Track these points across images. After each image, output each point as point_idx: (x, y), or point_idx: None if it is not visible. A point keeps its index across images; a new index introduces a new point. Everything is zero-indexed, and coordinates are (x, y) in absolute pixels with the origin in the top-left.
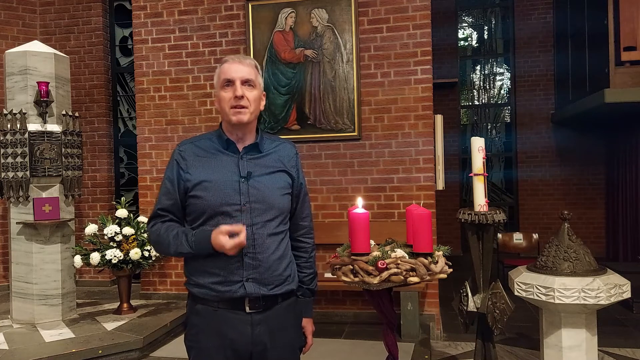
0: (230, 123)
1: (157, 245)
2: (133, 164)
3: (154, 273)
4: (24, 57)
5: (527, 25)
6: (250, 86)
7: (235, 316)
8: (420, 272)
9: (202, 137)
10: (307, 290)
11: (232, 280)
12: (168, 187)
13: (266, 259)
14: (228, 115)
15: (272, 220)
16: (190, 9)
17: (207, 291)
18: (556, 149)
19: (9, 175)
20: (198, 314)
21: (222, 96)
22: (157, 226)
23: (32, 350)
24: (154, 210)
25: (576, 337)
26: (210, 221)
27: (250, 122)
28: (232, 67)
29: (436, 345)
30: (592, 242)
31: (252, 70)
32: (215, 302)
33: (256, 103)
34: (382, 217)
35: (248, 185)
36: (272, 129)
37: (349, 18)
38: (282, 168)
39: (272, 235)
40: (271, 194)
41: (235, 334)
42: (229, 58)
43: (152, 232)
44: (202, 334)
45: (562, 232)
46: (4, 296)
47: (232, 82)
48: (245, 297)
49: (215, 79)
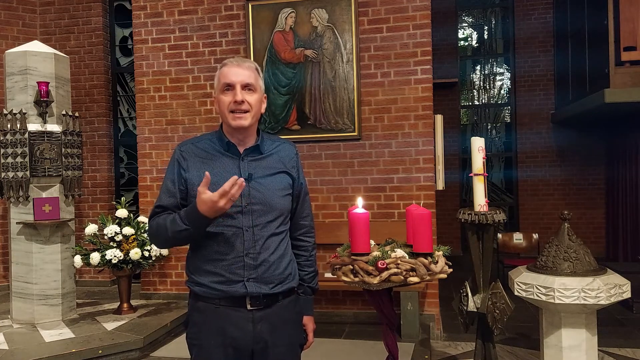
0: (231, 127)
1: (157, 235)
2: (133, 164)
3: (154, 273)
4: (24, 57)
5: (527, 25)
6: (251, 90)
7: (237, 313)
8: (420, 272)
9: (202, 138)
10: (308, 288)
11: (233, 280)
12: (169, 186)
13: (267, 258)
14: (228, 119)
15: (273, 221)
16: (190, 9)
17: (208, 290)
18: (556, 149)
19: (9, 175)
20: (199, 311)
21: (222, 100)
22: (156, 219)
23: (32, 350)
24: (153, 209)
25: (576, 337)
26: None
27: (251, 126)
28: (232, 70)
29: (436, 345)
30: (592, 242)
31: (252, 74)
32: (217, 299)
33: (257, 107)
34: (382, 217)
35: (249, 187)
36: (273, 129)
37: (349, 18)
38: (283, 169)
39: (272, 235)
40: (272, 196)
41: (236, 331)
42: (229, 61)
43: (152, 226)
44: (203, 331)
45: (562, 232)
46: (4, 296)
47: (232, 86)
48: (247, 295)
49: (215, 81)
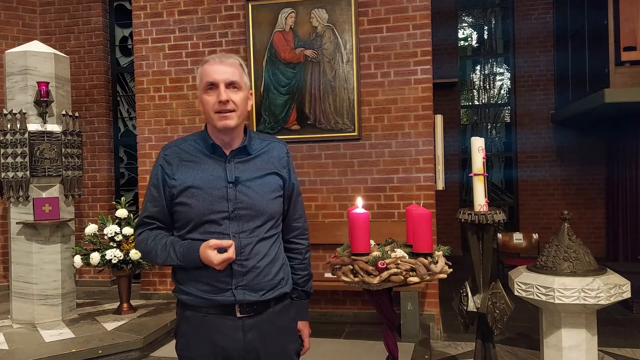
0: (216, 128)
1: (146, 255)
2: (133, 164)
3: (154, 273)
4: (24, 57)
5: (527, 25)
6: (235, 88)
7: (226, 322)
8: (420, 272)
9: (186, 140)
10: (302, 292)
11: (220, 288)
12: (154, 193)
13: (256, 265)
14: (213, 120)
15: (262, 225)
16: (190, 9)
17: (195, 298)
18: (556, 149)
19: (9, 175)
20: (187, 320)
21: (205, 100)
22: (144, 234)
23: (32, 350)
24: (140, 218)
25: (576, 337)
26: (198, 229)
27: (238, 126)
28: (214, 68)
29: (436, 345)
30: (592, 242)
31: (236, 71)
32: (205, 307)
33: (243, 105)
34: (382, 217)
35: (236, 190)
36: (272, 129)
37: (349, 18)
38: (273, 170)
39: (262, 240)
40: (261, 200)
41: (226, 341)
42: (210, 58)
43: (140, 242)
44: (192, 342)
45: (562, 232)
46: (4, 296)
47: (215, 85)
48: (235, 303)
49: (198, 80)
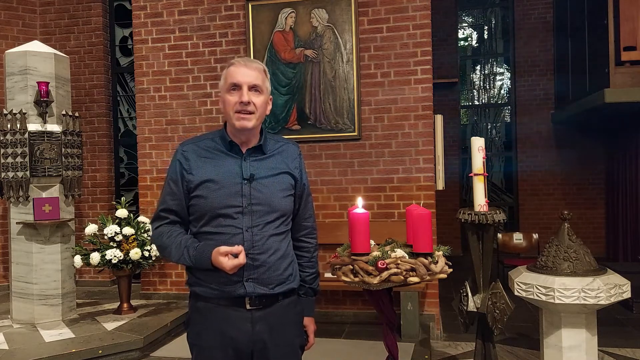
0: (234, 127)
1: (161, 250)
2: (133, 164)
3: (154, 273)
4: (24, 57)
5: (527, 25)
6: (257, 92)
7: (236, 313)
8: (420, 272)
9: (204, 138)
10: (310, 289)
11: (232, 280)
12: (172, 187)
13: (267, 259)
14: (232, 119)
15: (274, 221)
16: (190, 9)
17: (207, 289)
18: (556, 149)
19: (9, 175)
20: (199, 311)
21: (227, 99)
22: (161, 229)
23: (32, 350)
24: (157, 212)
25: (576, 337)
26: (212, 222)
27: (255, 127)
28: (240, 70)
29: (436, 345)
30: (592, 242)
31: (259, 75)
32: (216, 299)
33: (262, 108)
34: (382, 217)
35: (250, 187)
36: (273, 128)
37: (349, 18)
38: (286, 169)
39: (273, 235)
40: (273, 196)
41: (235, 331)
42: (236, 61)
43: (157, 236)
44: (203, 332)
45: (562, 232)
46: (4, 296)
47: (238, 86)
48: (245, 296)
49: (222, 81)
